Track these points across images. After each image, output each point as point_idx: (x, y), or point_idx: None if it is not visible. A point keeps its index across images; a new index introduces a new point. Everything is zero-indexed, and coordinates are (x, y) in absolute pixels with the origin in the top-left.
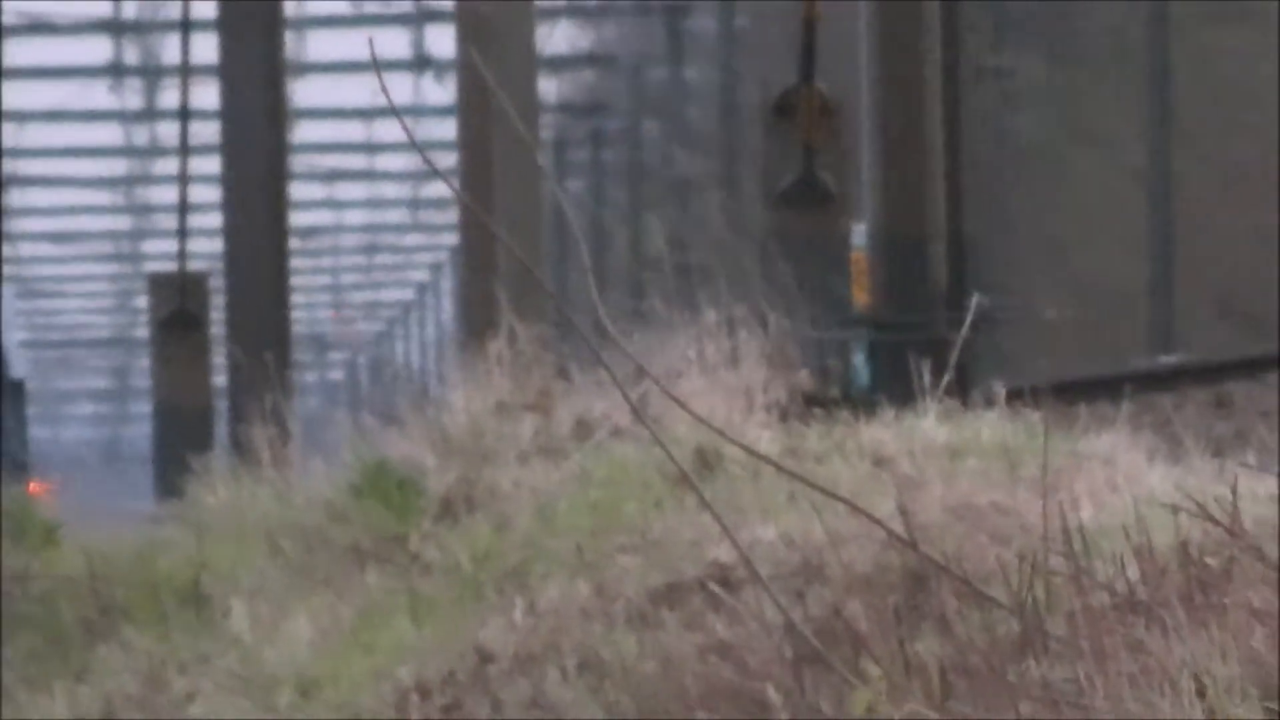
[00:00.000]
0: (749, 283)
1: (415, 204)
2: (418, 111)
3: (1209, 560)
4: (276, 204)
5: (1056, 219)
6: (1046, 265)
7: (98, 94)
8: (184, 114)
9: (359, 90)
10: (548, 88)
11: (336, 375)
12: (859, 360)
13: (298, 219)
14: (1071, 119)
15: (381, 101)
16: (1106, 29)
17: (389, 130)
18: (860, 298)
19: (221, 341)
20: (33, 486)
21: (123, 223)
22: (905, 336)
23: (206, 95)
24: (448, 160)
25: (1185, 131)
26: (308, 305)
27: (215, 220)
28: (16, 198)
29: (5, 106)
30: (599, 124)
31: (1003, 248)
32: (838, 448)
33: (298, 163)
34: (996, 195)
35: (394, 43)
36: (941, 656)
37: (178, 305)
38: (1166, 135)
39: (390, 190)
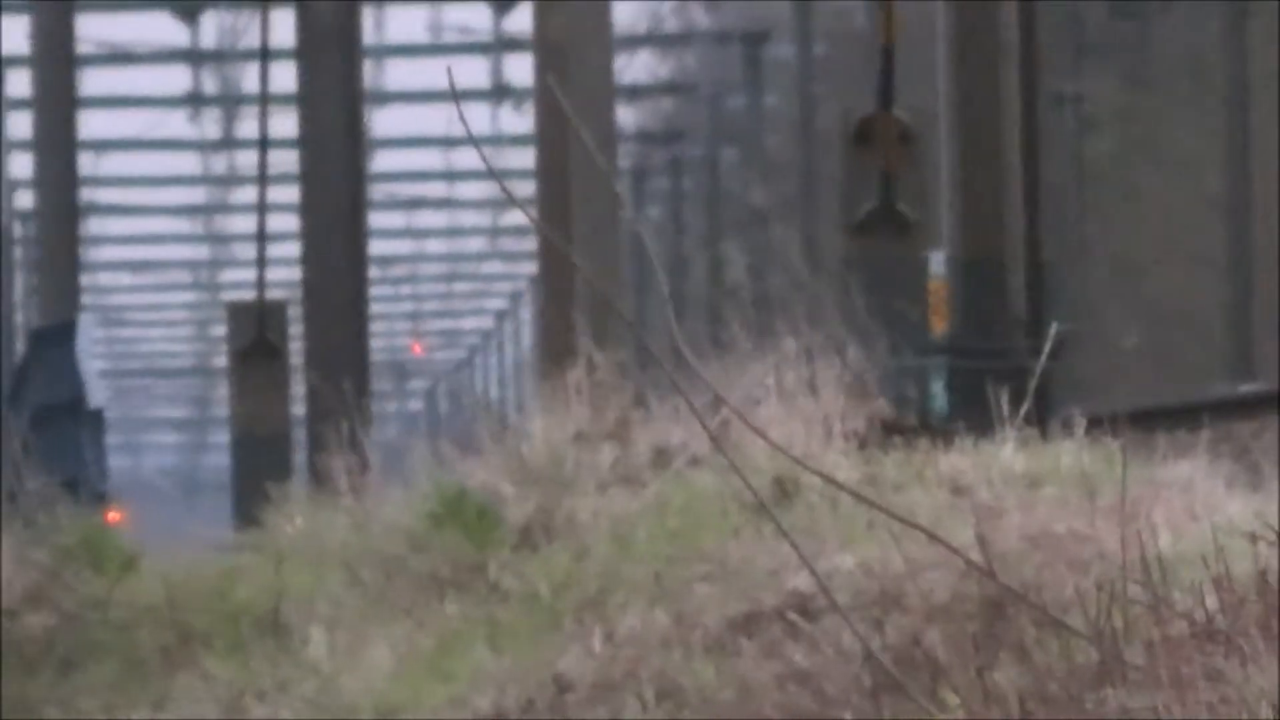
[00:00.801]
0: (827, 311)
1: (494, 232)
2: (496, 140)
3: None
4: (355, 232)
5: (1134, 244)
6: (1124, 291)
7: (176, 123)
8: (263, 142)
9: (437, 118)
10: (626, 116)
11: (415, 404)
12: (937, 388)
13: (377, 247)
14: (1149, 143)
15: (460, 130)
16: (1184, 53)
17: (467, 158)
18: (938, 325)
19: (300, 370)
20: (111, 515)
21: (201, 251)
22: (983, 364)
23: (285, 123)
24: (526, 189)
25: (1264, 155)
26: (386, 334)
27: (294, 249)
28: (95, 226)
29: (84, 135)
30: (677, 152)
31: (1081, 274)
32: (916, 476)
33: (376, 191)
34: (1074, 221)
35: (472, 71)
36: (1020, 685)
37: (256, 334)
38: (1245, 159)
39: (469, 219)
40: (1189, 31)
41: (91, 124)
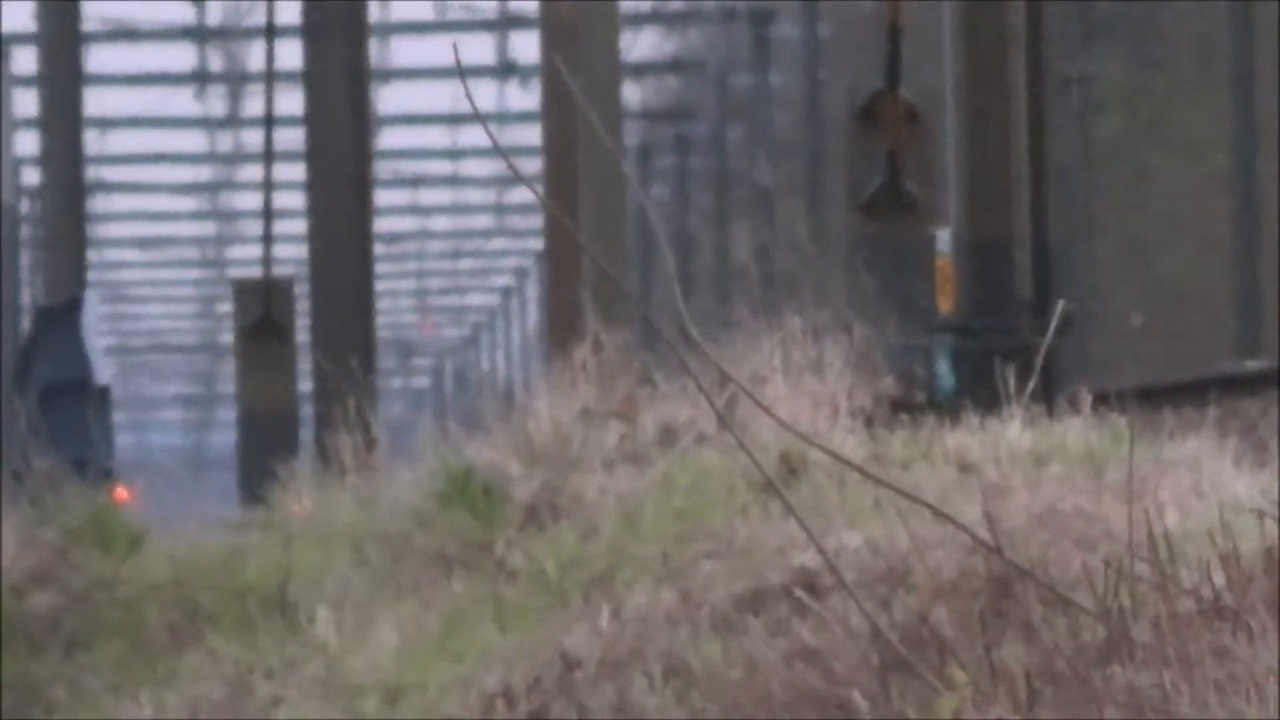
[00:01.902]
0: (833, 289)
1: (500, 210)
2: (502, 117)
3: None
4: (361, 210)
5: (1141, 224)
6: (1131, 270)
7: (182, 100)
8: (268, 120)
9: (443, 95)
10: (632, 93)
11: (421, 382)
12: (943, 366)
13: (382, 225)
14: (1156, 124)
15: (466, 107)
16: (1191, 34)
17: (473, 136)
18: (944, 304)
19: (306, 348)
20: (118, 493)
21: (207, 229)
22: (990, 342)
23: (291, 101)
24: (532, 166)
25: (1270, 135)
26: (393, 311)
27: (300, 226)
28: (101, 204)
29: (89, 112)
30: (683, 130)
31: (1087, 253)
32: (923, 454)
33: (382, 168)
34: (1081, 201)
35: (478, 48)
36: (1027, 662)
37: (262, 311)
38: (1252, 140)
39: (475, 196)
40: (1196, 13)
41: (97, 101)
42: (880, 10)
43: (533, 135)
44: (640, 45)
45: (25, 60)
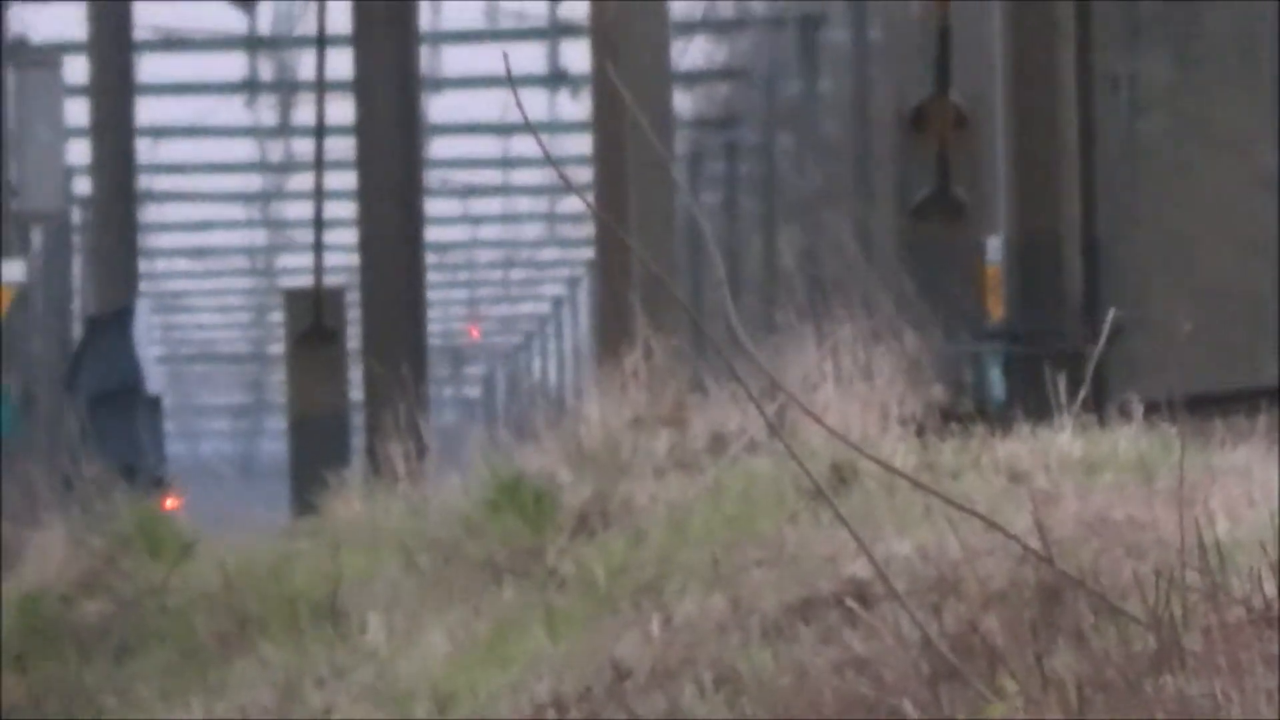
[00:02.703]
0: (883, 296)
1: (551, 219)
2: (553, 126)
3: None
4: (411, 219)
5: (1190, 227)
6: (1181, 274)
7: (233, 109)
8: (319, 129)
9: (494, 104)
10: (682, 101)
11: (473, 390)
12: (994, 374)
13: (433, 234)
14: (1203, 124)
15: (516, 116)
16: (1236, 33)
17: (524, 144)
18: (995, 311)
19: (357, 356)
20: (169, 501)
21: (258, 238)
22: (1040, 350)
23: (342, 110)
24: (583, 175)
25: None
26: (444, 320)
27: (351, 235)
28: (153, 213)
29: (140, 121)
30: (733, 137)
31: (1137, 257)
32: (973, 462)
33: (433, 177)
34: (1130, 204)
35: (529, 57)
36: (1078, 671)
37: (313, 320)
38: None
39: (525, 205)
40: (1240, 12)
41: (148, 110)
42: (929, 14)
43: (583, 144)
44: (690, 53)
45: (77, 69)
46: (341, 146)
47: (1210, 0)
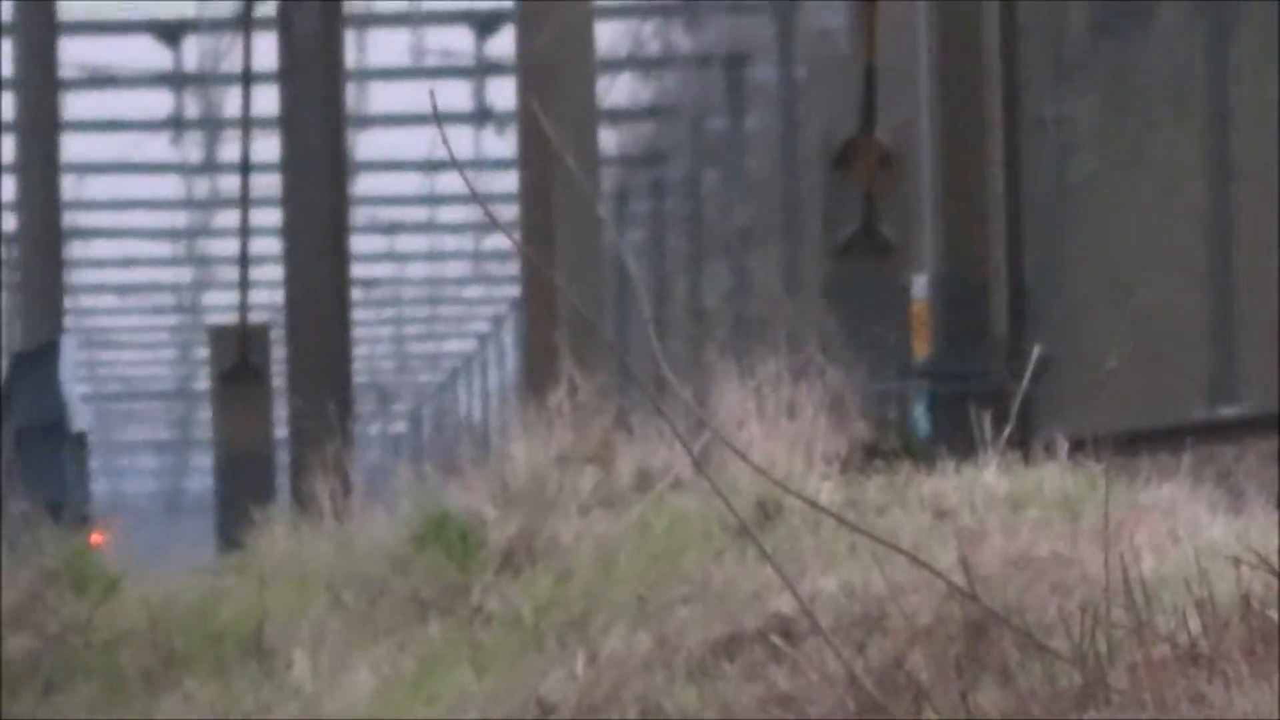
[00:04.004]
0: (808, 333)
1: (477, 256)
2: (479, 164)
3: (1270, 613)
4: (338, 256)
5: (1116, 266)
6: (1106, 313)
7: (158, 146)
8: (245, 166)
9: (420, 142)
10: (608, 139)
11: (398, 427)
12: (919, 411)
13: (359, 271)
14: (1130, 164)
15: (443, 153)
16: (1165, 73)
17: (450, 182)
18: (920, 348)
19: (283, 393)
20: (94, 538)
21: (184, 275)
22: (965, 387)
23: (267, 147)
24: (509, 212)
25: (1246, 176)
26: (370, 357)
27: (276, 272)
28: (78, 249)
29: (66, 158)
30: (659, 175)
31: (1065, 295)
32: (898, 499)
33: (359, 215)
34: (1055, 243)
35: (455, 94)
36: (1003, 708)
37: (239, 357)
38: (1226, 181)
39: (451, 242)
40: (1170, 52)
41: (74, 146)
42: (856, 55)
43: (510, 182)
44: (617, 91)
45: (3, 105)
46: (267, 183)
47: (1139, 37)
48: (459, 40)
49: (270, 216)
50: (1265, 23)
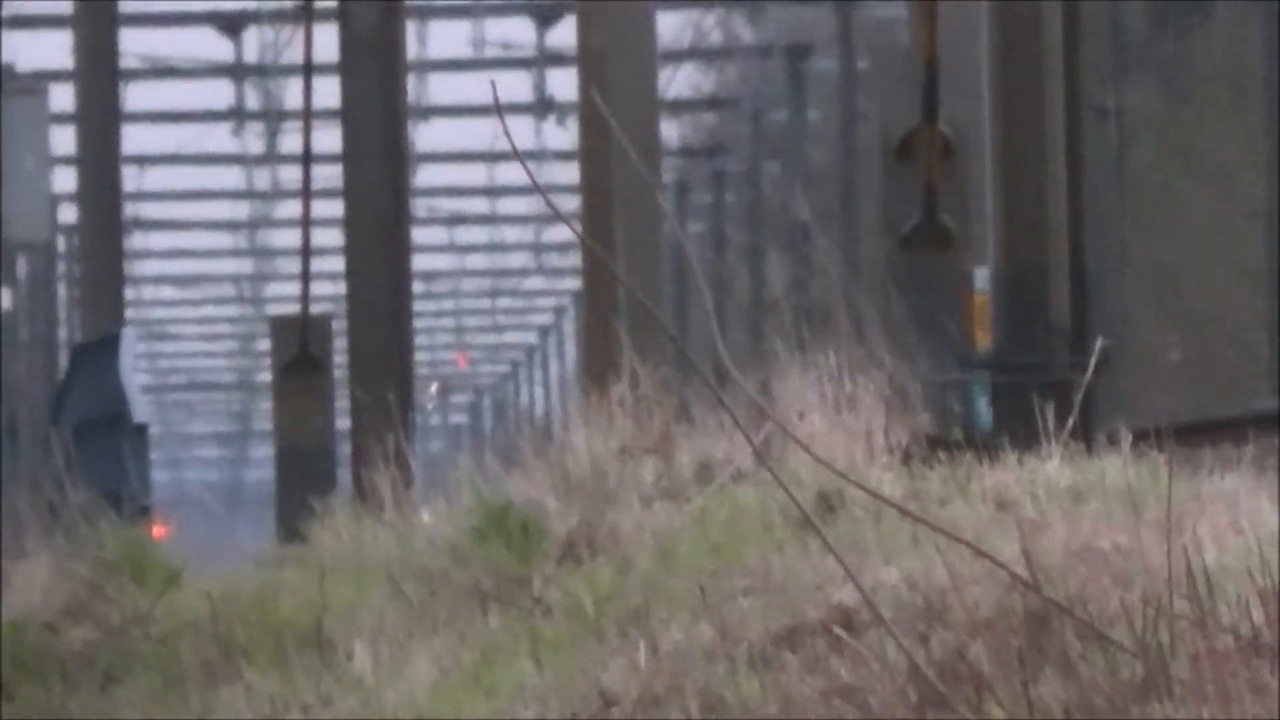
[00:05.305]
0: (870, 325)
1: (538, 248)
2: (540, 155)
3: None
4: (398, 247)
5: (1177, 255)
6: (1168, 303)
7: (219, 137)
8: (306, 157)
9: (480, 133)
10: (669, 130)
11: (459, 417)
12: (981, 402)
13: (420, 262)
14: (1190, 155)
15: (503, 144)
16: (1225, 64)
17: (511, 173)
18: (982, 340)
19: (344, 384)
20: (155, 530)
21: (245, 266)
22: (1027, 378)
23: (328, 138)
24: (570, 203)
25: None
26: (431, 348)
27: (337, 264)
28: (139, 241)
29: (127, 150)
30: (720, 166)
31: (1124, 286)
32: (960, 490)
33: (420, 206)
34: (1117, 234)
35: (515, 85)
36: (1065, 699)
37: (300, 348)
38: None
39: (512, 234)
40: (1228, 43)
41: (135, 138)
42: (916, 44)
43: (570, 173)
44: (678, 81)
45: (63, 97)
46: (328, 174)
47: (1198, 31)
48: (519, 31)
49: (331, 208)
50: None
